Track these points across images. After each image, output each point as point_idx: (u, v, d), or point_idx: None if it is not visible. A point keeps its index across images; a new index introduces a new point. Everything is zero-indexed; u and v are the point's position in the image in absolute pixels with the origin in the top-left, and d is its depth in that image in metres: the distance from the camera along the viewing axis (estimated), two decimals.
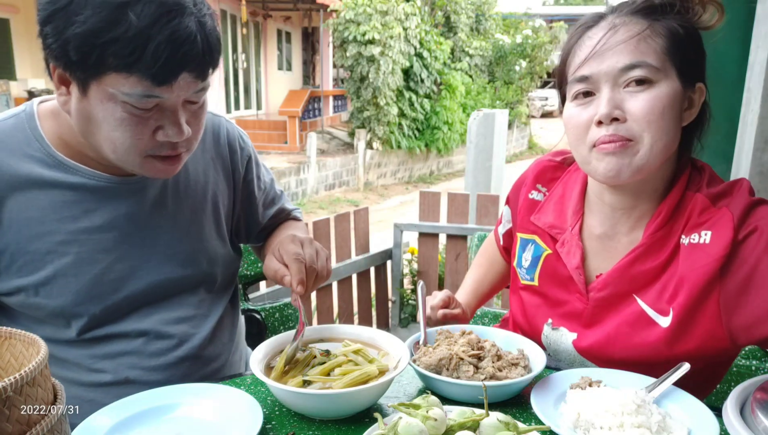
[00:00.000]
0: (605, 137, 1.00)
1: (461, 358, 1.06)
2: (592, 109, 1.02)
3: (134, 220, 1.15)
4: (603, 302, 1.12)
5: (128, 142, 1.01)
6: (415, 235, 3.91)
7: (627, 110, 0.99)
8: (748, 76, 2.08)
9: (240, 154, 1.34)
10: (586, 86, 1.02)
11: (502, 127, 6.62)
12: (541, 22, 17.99)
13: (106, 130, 1.00)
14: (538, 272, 1.22)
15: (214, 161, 1.30)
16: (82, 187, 1.10)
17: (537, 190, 1.26)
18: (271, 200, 1.44)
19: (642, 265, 1.07)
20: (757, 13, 2.04)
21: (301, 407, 0.98)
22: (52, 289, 1.09)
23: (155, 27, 0.91)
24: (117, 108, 0.97)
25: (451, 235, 3.75)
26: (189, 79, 0.98)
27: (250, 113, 14.71)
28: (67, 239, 1.09)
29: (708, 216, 1.03)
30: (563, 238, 1.17)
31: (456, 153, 14.80)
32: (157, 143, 1.03)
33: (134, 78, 0.94)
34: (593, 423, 0.92)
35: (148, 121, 1.00)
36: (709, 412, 0.95)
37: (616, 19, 1.02)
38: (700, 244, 1.02)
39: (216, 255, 1.27)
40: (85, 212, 1.10)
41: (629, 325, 1.08)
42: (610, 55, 0.99)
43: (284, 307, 1.70)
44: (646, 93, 0.99)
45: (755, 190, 1.07)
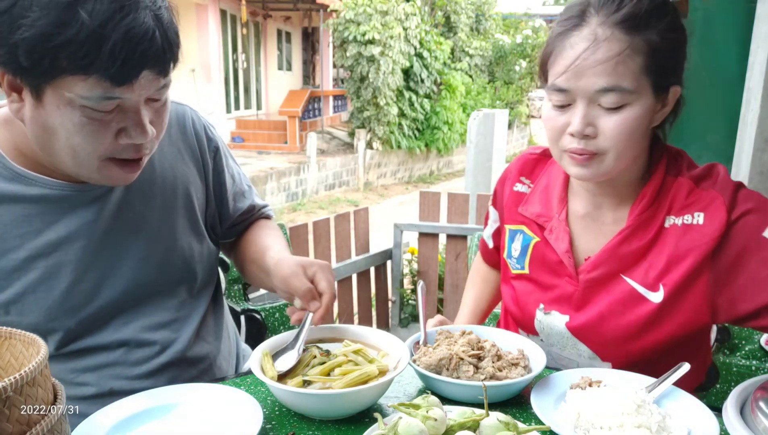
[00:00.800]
0: (576, 149, 1.06)
1: (461, 358, 1.06)
2: (567, 117, 1.06)
3: (100, 227, 1.10)
4: (593, 283, 1.15)
5: (89, 147, 0.96)
6: (415, 235, 3.91)
7: (599, 127, 1.03)
8: (748, 76, 2.08)
9: (208, 144, 1.28)
10: (563, 98, 1.05)
11: (502, 127, 6.62)
12: (541, 22, 17.99)
13: (64, 137, 0.94)
14: (528, 260, 1.25)
15: (183, 153, 1.23)
16: (43, 199, 1.05)
17: (521, 183, 1.31)
18: (241, 194, 1.37)
19: (629, 245, 1.12)
20: (757, 13, 2.04)
21: (301, 407, 0.98)
22: (23, 307, 1.04)
23: (109, 25, 0.86)
24: (75, 113, 0.92)
25: (451, 235, 3.75)
26: (150, 77, 0.93)
27: (250, 113, 14.70)
28: (33, 254, 1.04)
29: (695, 197, 1.08)
30: (551, 225, 1.21)
31: (456, 153, 14.80)
32: (120, 146, 0.98)
33: (92, 80, 0.88)
34: (593, 423, 0.92)
35: (109, 124, 0.95)
36: (709, 412, 0.95)
37: (600, 30, 1.00)
38: (693, 225, 1.07)
39: (192, 253, 1.22)
40: (48, 225, 1.06)
41: (620, 304, 1.12)
42: (589, 75, 1.01)
43: (284, 307, 1.70)
44: (619, 115, 1.02)
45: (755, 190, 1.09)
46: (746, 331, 1.48)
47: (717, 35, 2.19)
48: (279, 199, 10.36)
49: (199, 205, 1.26)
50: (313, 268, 1.10)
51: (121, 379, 1.12)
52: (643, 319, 1.10)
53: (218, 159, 1.30)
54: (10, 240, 1.03)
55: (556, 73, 1.05)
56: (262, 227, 1.38)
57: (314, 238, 3.43)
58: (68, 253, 1.07)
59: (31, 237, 1.05)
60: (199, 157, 1.26)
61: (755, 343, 1.49)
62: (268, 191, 10.02)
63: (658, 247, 1.10)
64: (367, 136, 12.53)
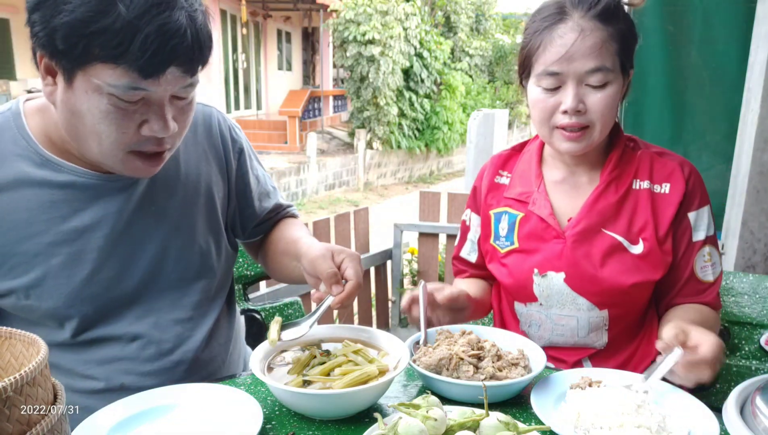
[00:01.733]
0: (568, 124, 1.22)
1: (461, 358, 1.06)
2: (558, 98, 1.22)
3: (124, 217, 1.12)
4: (578, 237, 1.28)
5: (113, 135, 0.99)
6: (415, 235, 3.91)
7: (587, 103, 1.21)
8: (748, 76, 2.08)
9: (232, 145, 1.31)
10: (554, 81, 1.21)
11: (502, 127, 6.63)
12: None
13: (90, 122, 0.98)
14: (516, 234, 1.36)
15: (207, 153, 1.27)
16: (71, 186, 1.08)
17: (500, 175, 1.44)
18: (266, 194, 1.40)
19: (604, 200, 1.28)
20: (757, 13, 2.04)
21: (301, 407, 0.98)
22: (43, 291, 1.07)
23: (144, 18, 0.90)
24: (102, 100, 0.95)
25: (451, 235, 3.75)
26: (177, 74, 0.97)
27: (250, 113, 14.70)
28: (57, 240, 1.07)
29: (659, 166, 1.30)
30: (532, 198, 1.35)
31: (456, 153, 14.81)
32: (142, 138, 1.01)
33: (121, 69, 0.92)
34: (593, 423, 0.92)
35: (133, 115, 0.98)
36: (709, 412, 0.95)
37: (582, 22, 1.18)
38: (662, 194, 1.28)
39: (210, 250, 1.24)
40: (74, 211, 1.08)
41: (607, 254, 1.27)
42: (579, 59, 1.18)
43: (284, 307, 1.70)
44: (603, 92, 1.20)
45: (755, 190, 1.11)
46: (746, 332, 1.48)
47: (717, 35, 2.19)
48: None
49: (221, 205, 1.28)
50: (342, 255, 1.11)
51: (132, 374, 1.13)
52: (627, 264, 1.26)
53: (242, 160, 1.34)
54: (36, 224, 1.06)
55: (547, 61, 1.20)
56: (291, 224, 1.41)
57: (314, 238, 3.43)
58: (91, 240, 1.09)
59: (57, 222, 1.07)
60: (222, 157, 1.29)
61: (755, 343, 1.49)
62: None
63: (631, 205, 1.28)
64: (367, 136, 12.53)
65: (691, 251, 1.28)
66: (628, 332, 1.34)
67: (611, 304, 1.29)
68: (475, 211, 1.47)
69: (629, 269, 1.26)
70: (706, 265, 1.29)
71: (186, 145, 1.22)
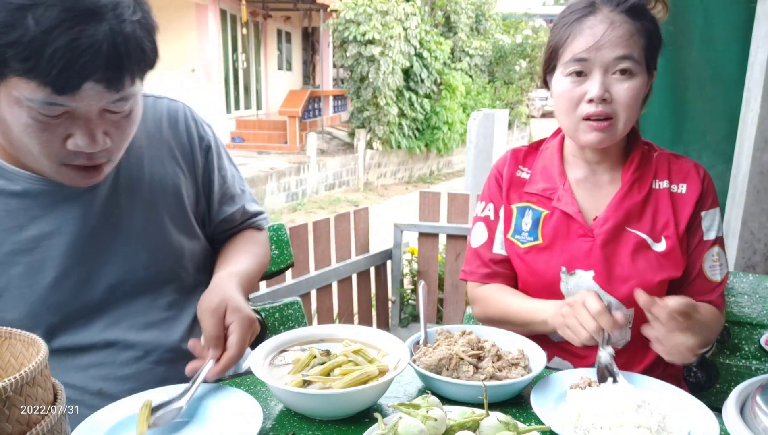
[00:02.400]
0: (594, 114, 1.23)
1: (461, 358, 1.06)
2: (584, 87, 1.23)
3: (86, 222, 1.10)
4: (607, 236, 1.29)
5: (37, 148, 0.96)
6: (415, 235, 3.91)
7: (613, 93, 1.22)
8: (748, 76, 2.08)
9: (199, 142, 1.27)
10: (581, 67, 1.22)
11: (502, 127, 6.63)
12: (541, 22, 17.99)
13: (16, 133, 0.96)
14: (541, 231, 1.35)
15: (173, 150, 1.23)
16: (26, 194, 1.06)
17: (520, 170, 1.43)
18: (230, 197, 1.33)
19: (629, 200, 1.30)
20: (757, 13, 2.04)
21: (301, 407, 0.98)
22: (6, 302, 1.04)
23: (53, 33, 0.86)
24: (23, 112, 0.93)
25: (451, 235, 3.75)
26: (98, 89, 0.92)
27: (250, 113, 14.70)
28: (16, 249, 1.05)
29: (676, 167, 1.33)
30: (557, 195, 1.35)
31: (456, 153, 14.80)
32: (69, 152, 0.98)
33: (34, 84, 0.89)
34: (593, 423, 0.92)
35: (56, 129, 0.95)
36: (709, 412, 0.95)
37: (612, 15, 1.21)
38: (680, 194, 1.32)
39: (182, 250, 1.21)
40: (32, 220, 1.06)
41: (633, 252, 1.29)
42: (608, 46, 1.20)
43: (284, 307, 1.70)
44: (629, 82, 1.22)
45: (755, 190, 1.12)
46: (746, 332, 1.48)
47: (717, 35, 2.19)
48: (279, 199, 10.36)
49: (190, 203, 1.25)
50: (233, 317, 1.06)
51: (110, 380, 1.11)
52: (653, 262, 1.28)
53: (210, 157, 1.29)
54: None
55: (575, 49, 1.22)
56: (242, 238, 1.34)
57: (314, 238, 3.43)
58: (52, 248, 1.07)
59: (14, 232, 1.05)
60: (189, 154, 1.26)
61: (755, 343, 1.49)
62: (268, 191, 10.02)
63: (653, 204, 1.31)
64: (367, 136, 12.52)
65: (702, 249, 1.31)
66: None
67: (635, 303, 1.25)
68: (498, 203, 1.43)
69: (654, 267, 1.28)
70: (715, 264, 1.31)
71: (150, 142, 1.19)
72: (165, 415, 0.93)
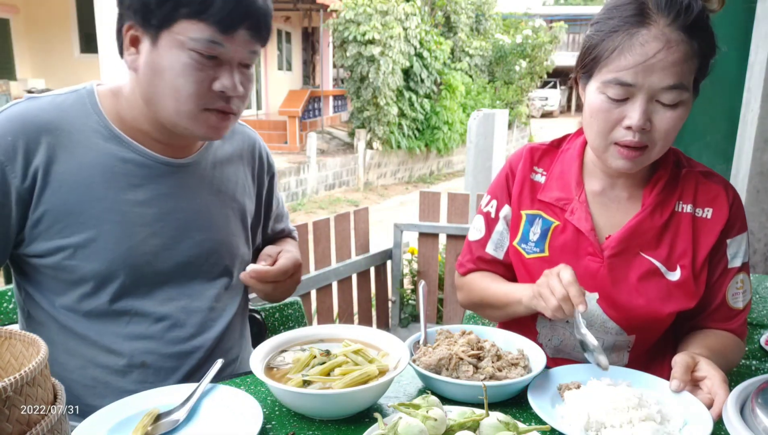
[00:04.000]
0: (631, 142, 1.10)
1: (461, 358, 1.06)
2: (623, 111, 1.09)
3: (173, 201, 1.22)
4: (617, 259, 1.21)
5: (190, 89, 1.10)
6: (415, 235, 3.91)
7: (654, 122, 1.09)
8: (748, 76, 2.08)
9: (268, 169, 1.47)
10: (623, 92, 1.08)
11: (502, 127, 6.63)
12: (541, 22, 18.00)
13: (170, 77, 1.09)
14: (548, 243, 1.27)
15: (248, 169, 1.40)
16: (132, 162, 1.18)
17: (536, 172, 1.33)
18: (281, 216, 1.56)
19: (647, 224, 1.21)
20: (757, 13, 2.04)
21: (301, 407, 0.99)
22: (90, 253, 1.14)
23: None
24: (183, 55, 1.07)
25: (451, 235, 3.75)
26: (246, 37, 1.11)
27: (250, 113, 14.70)
28: (111, 207, 1.15)
29: (703, 189, 1.22)
30: (571, 207, 1.25)
31: (456, 153, 14.80)
32: (214, 94, 1.12)
33: (203, 25, 1.06)
34: (603, 423, 0.92)
35: (208, 71, 1.10)
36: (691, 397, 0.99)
37: (669, 32, 1.05)
38: (704, 219, 1.21)
39: (237, 253, 1.34)
40: (131, 186, 1.18)
41: (643, 279, 1.21)
42: (658, 73, 1.05)
43: (284, 307, 1.70)
44: (674, 112, 1.08)
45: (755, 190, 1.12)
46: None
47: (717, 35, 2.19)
48: None
49: (250, 218, 1.40)
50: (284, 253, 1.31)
51: (155, 354, 1.20)
52: (663, 292, 1.20)
53: (272, 184, 1.50)
54: (96, 189, 1.15)
55: (620, 67, 1.07)
56: (283, 242, 1.54)
57: (314, 238, 3.43)
58: (142, 215, 1.18)
59: (114, 192, 1.16)
60: (257, 177, 1.44)
61: (755, 343, 1.49)
62: None
63: (672, 230, 1.21)
64: (367, 136, 12.52)
65: (726, 278, 1.23)
66: (648, 354, 1.30)
67: (641, 329, 1.24)
68: (504, 202, 1.35)
69: (665, 297, 1.20)
70: (738, 292, 1.24)
71: (237, 157, 1.37)
72: (163, 424, 0.93)
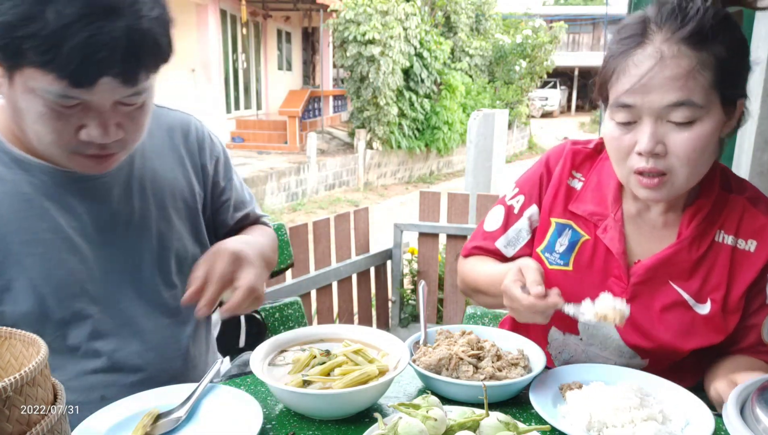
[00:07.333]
0: (645, 168, 1.02)
1: (461, 358, 1.06)
2: (634, 136, 1.02)
3: (99, 218, 1.11)
4: (643, 287, 1.14)
5: (49, 137, 0.97)
6: (415, 235, 3.91)
7: (668, 145, 1.00)
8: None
9: (210, 153, 1.31)
10: (628, 115, 1.02)
11: (502, 127, 6.62)
12: (541, 22, 17.99)
13: (29, 121, 0.97)
14: (574, 257, 1.20)
15: (184, 159, 1.26)
16: (43, 186, 1.06)
17: (573, 178, 1.25)
18: (241, 202, 1.38)
19: (683, 256, 1.12)
20: (757, 13, 2.03)
21: (301, 407, 0.98)
22: (18, 294, 1.03)
23: (72, 28, 0.86)
24: (38, 102, 0.93)
25: (451, 235, 3.75)
26: (114, 84, 0.93)
27: (250, 113, 14.69)
28: (30, 239, 1.04)
29: (749, 219, 1.11)
30: (605, 224, 1.17)
31: (456, 153, 14.80)
32: (82, 142, 0.99)
33: (51, 76, 0.89)
34: (605, 423, 0.93)
35: (69, 119, 0.96)
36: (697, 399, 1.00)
37: (665, 47, 0.98)
38: (746, 252, 1.11)
39: (186, 257, 1.22)
40: (46, 211, 1.06)
41: (668, 309, 1.13)
42: (657, 89, 0.98)
43: (284, 307, 1.70)
44: (690, 131, 0.99)
45: None
46: None
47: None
48: (279, 199, 10.35)
49: (202, 209, 1.29)
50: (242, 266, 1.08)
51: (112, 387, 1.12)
52: (688, 325, 1.12)
53: (218, 168, 1.33)
54: (9, 224, 1.03)
55: (619, 90, 1.02)
56: (254, 228, 1.39)
57: (314, 238, 3.43)
58: (66, 241, 1.07)
59: (29, 222, 1.05)
60: (198, 165, 1.29)
61: None
62: (268, 191, 10.02)
63: (709, 261, 1.11)
64: (367, 136, 12.52)
65: (762, 313, 1.13)
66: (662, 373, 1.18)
67: (657, 357, 1.19)
68: (533, 201, 1.28)
69: (688, 331, 1.12)
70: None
71: (163, 150, 1.22)
72: (163, 424, 0.93)
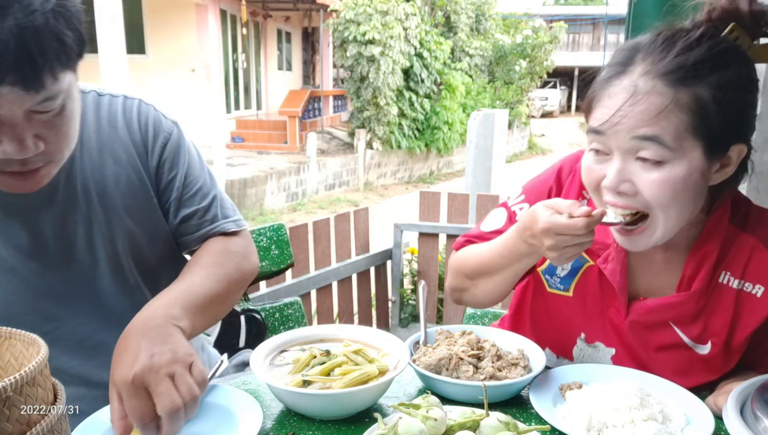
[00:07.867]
0: (617, 205, 0.98)
1: (461, 358, 1.06)
2: (604, 169, 0.99)
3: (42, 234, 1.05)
4: (642, 325, 1.11)
5: None
6: (415, 235, 3.91)
7: (637, 184, 0.95)
8: None
9: (154, 137, 1.15)
10: (599, 144, 0.98)
11: (502, 127, 6.62)
12: (541, 22, 18.00)
13: None
14: (575, 283, 1.16)
15: (129, 147, 1.13)
16: None
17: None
18: (189, 201, 1.18)
19: (689, 306, 1.07)
20: None
21: (301, 407, 0.98)
22: None
23: None
24: None
25: (451, 235, 3.75)
26: (16, 93, 0.81)
27: (250, 113, 14.70)
28: None
29: (758, 260, 1.03)
30: (607, 254, 1.11)
31: (456, 153, 14.80)
32: (1, 160, 0.89)
33: None
34: (605, 423, 0.93)
35: None
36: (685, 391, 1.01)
37: (640, 81, 0.93)
38: (752, 295, 1.04)
39: (146, 259, 1.16)
40: None
41: (667, 348, 1.10)
42: (625, 124, 0.93)
43: (284, 307, 1.70)
44: (658, 172, 0.93)
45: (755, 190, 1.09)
46: None
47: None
48: (279, 199, 10.36)
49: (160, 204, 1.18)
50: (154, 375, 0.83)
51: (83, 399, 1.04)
52: (684, 366, 1.10)
53: (165, 154, 1.16)
54: None
55: (594, 118, 0.98)
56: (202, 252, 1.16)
57: (314, 238, 3.44)
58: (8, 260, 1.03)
59: None
60: (143, 150, 1.15)
61: None
62: (268, 191, 10.02)
63: (712, 305, 1.06)
64: (367, 136, 12.53)
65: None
66: None
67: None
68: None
69: (685, 371, 1.09)
70: None
71: (105, 142, 1.11)
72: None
